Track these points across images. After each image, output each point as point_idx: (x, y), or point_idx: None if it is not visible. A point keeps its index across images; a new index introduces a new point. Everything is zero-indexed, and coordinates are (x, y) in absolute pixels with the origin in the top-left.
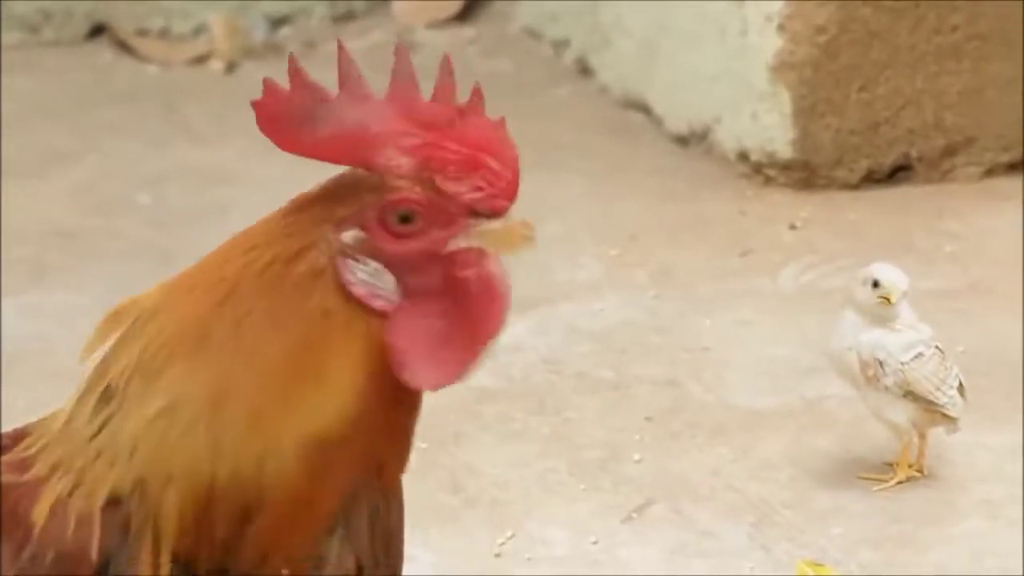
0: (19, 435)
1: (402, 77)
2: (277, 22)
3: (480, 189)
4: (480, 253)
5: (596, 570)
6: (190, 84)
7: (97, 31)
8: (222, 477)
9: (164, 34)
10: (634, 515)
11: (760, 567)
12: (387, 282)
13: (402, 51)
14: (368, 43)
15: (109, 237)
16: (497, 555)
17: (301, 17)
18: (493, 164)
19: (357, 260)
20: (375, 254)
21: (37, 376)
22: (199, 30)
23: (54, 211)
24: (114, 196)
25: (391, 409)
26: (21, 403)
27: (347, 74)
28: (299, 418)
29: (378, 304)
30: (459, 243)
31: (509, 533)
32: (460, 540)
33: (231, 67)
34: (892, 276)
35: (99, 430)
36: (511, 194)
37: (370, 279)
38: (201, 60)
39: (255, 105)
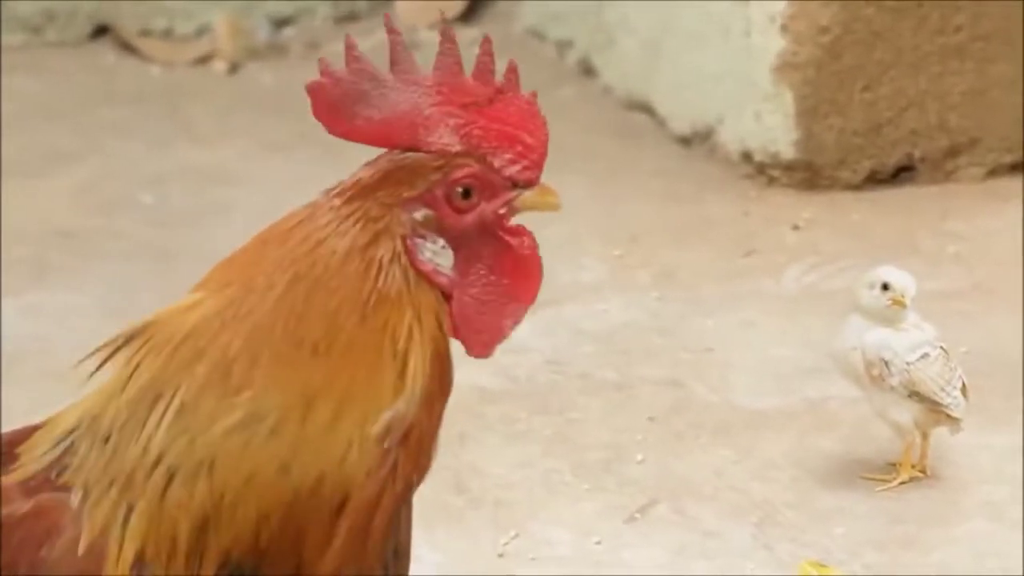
0: (15, 441)
1: (447, 60)
2: (280, 23)
3: (516, 162)
4: (520, 226)
5: (599, 570)
6: (193, 85)
7: (100, 32)
8: (308, 479)
9: (167, 35)
10: (637, 515)
11: (763, 567)
12: (448, 258)
13: (448, 33)
14: (371, 43)
15: (111, 237)
16: (501, 555)
17: (304, 18)
18: (527, 139)
19: (425, 239)
20: (442, 231)
21: (37, 376)
22: (202, 31)
23: (56, 211)
24: (116, 196)
25: (441, 396)
26: (21, 403)
27: (398, 58)
28: (381, 404)
29: (442, 280)
30: (503, 213)
31: (513, 533)
32: (464, 540)
33: (234, 68)
34: (901, 278)
35: (162, 453)
36: (541, 164)
37: (434, 257)
38: (204, 61)
39: (310, 88)
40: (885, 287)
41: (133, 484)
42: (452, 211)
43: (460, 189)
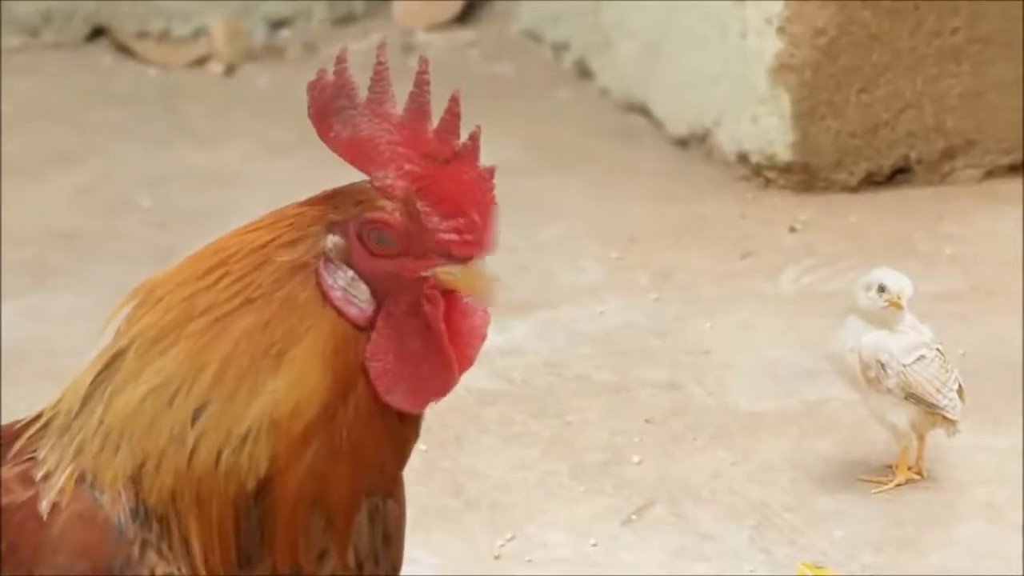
0: (16, 433)
1: (416, 105)
2: (277, 24)
3: (457, 232)
4: (454, 294)
5: (596, 572)
6: (190, 86)
7: (97, 33)
8: (201, 456)
9: (164, 37)
10: (634, 517)
11: (761, 569)
12: (362, 292)
13: (422, 80)
14: (368, 45)
15: (110, 238)
16: (497, 557)
17: (301, 19)
18: (474, 214)
19: (337, 266)
20: (351, 264)
21: (38, 377)
22: (199, 32)
23: (55, 212)
24: (115, 197)
25: (375, 409)
26: (21, 404)
27: (376, 88)
28: (263, 398)
29: (352, 312)
30: (425, 276)
31: (510, 535)
32: (461, 542)
33: (231, 69)
34: (898, 280)
35: (102, 415)
36: (484, 245)
37: (347, 286)
38: (201, 62)
39: (309, 86)
40: (882, 289)
41: (83, 449)
42: (363, 249)
43: (374, 231)
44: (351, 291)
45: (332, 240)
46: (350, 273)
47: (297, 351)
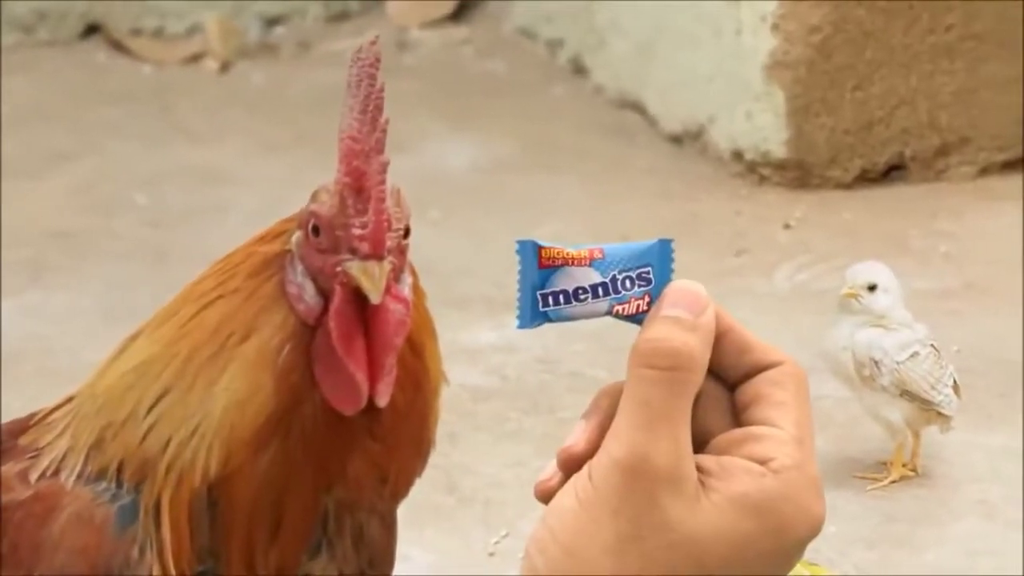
0: (20, 429)
1: (365, 98)
2: (271, 22)
3: (364, 227)
4: (354, 291)
5: None
6: (185, 84)
7: (91, 31)
8: (151, 439)
9: (158, 34)
10: None
11: None
12: (309, 287)
13: (371, 73)
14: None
15: (107, 237)
16: (492, 554)
17: (295, 17)
18: (372, 208)
19: (294, 260)
20: (300, 257)
21: (35, 376)
22: (193, 30)
23: (51, 211)
24: (112, 196)
25: (332, 413)
26: (19, 403)
27: (366, 99)
28: (216, 395)
29: (300, 308)
30: (338, 271)
31: (504, 532)
32: (454, 539)
33: (225, 67)
34: (857, 271)
35: (95, 383)
36: (375, 240)
37: (301, 281)
38: (195, 60)
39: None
40: (872, 288)
41: (78, 412)
42: (307, 243)
43: (312, 224)
44: (304, 286)
45: (297, 235)
46: (300, 267)
47: (249, 346)
